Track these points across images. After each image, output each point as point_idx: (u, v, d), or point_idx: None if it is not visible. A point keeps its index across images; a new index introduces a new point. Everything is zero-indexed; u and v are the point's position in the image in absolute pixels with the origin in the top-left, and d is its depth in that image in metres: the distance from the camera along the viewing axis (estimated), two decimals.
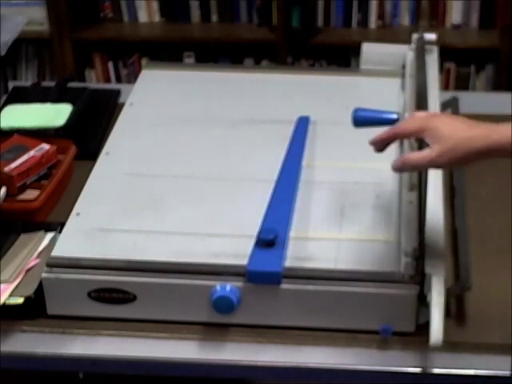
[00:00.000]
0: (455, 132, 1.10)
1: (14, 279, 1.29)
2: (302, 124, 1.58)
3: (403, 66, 1.72)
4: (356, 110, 1.35)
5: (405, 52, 1.74)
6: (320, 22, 3.01)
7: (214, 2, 3.03)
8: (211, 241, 1.30)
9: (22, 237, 1.39)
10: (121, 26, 3.10)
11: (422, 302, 1.20)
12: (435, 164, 1.11)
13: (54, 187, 1.51)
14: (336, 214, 1.36)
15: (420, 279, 1.20)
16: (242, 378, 1.34)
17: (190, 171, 1.47)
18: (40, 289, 1.27)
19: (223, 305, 1.22)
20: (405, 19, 2.99)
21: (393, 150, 1.49)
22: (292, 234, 1.30)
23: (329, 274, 1.23)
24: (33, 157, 1.54)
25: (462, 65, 2.98)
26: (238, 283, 1.23)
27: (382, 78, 1.73)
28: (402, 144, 1.47)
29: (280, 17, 2.94)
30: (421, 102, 1.36)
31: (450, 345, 1.19)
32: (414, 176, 1.33)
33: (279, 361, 1.23)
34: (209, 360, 1.23)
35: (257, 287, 1.23)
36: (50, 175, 1.54)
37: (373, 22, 2.99)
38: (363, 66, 1.80)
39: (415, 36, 1.75)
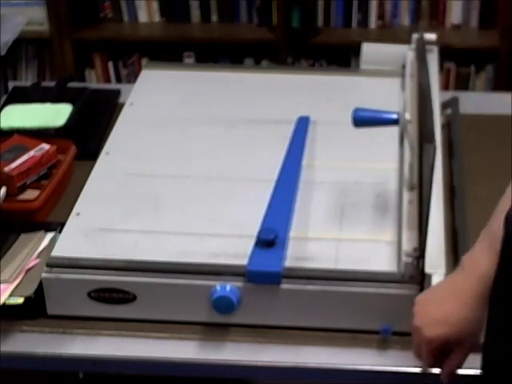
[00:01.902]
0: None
1: (14, 279, 1.29)
2: (302, 124, 1.58)
3: (403, 66, 1.72)
4: (356, 110, 1.35)
5: (405, 52, 1.74)
6: (320, 21, 3.01)
7: (214, 1, 3.03)
8: (211, 241, 1.30)
9: (22, 237, 1.39)
10: (121, 26, 3.09)
11: None
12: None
13: (53, 187, 1.51)
14: (336, 213, 1.36)
15: (420, 279, 1.20)
16: (242, 378, 1.34)
17: (190, 171, 1.48)
18: (40, 289, 1.27)
19: (223, 305, 1.22)
20: (405, 19, 2.99)
21: (393, 150, 1.50)
22: (292, 234, 1.30)
23: (329, 273, 1.23)
24: (33, 157, 1.54)
25: (462, 65, 2.98)
26: (238, 283, 1.23)
27: (382, 78, 1.73)
28: (402, 144, 1.48)
29: (280, 17, 2.94)
30: (424, 102, 1.36)
31: None
32: (414, 176, 1.33)
33: (279, 361, 1.23)
34: (209, 360, 1.23)
35: (257, 287, 1.23)
36: (50, 175, 1.54)
37: (373, 22, 2.99)
38: (363, 66, 1.80)
39: (415, 36, 1.75)
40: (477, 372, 1.18)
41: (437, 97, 1.57)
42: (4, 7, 2.54)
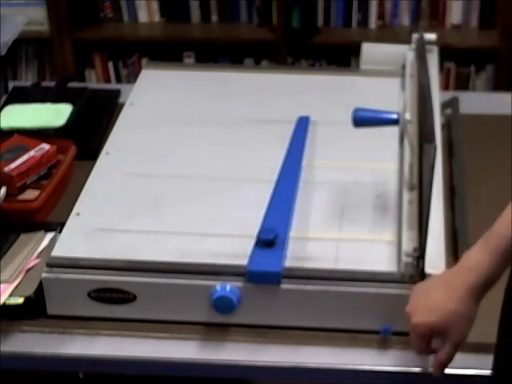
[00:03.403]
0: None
1: (14, 279, 1.29)
2: (302, 124, 1.58)
3: (403, 66, 1.72)
4: (356, 110, 1.35)
5: (405, 52, 1.74)
6: (320, 21, 3.01)
7: (214, 1, 3.03)
8: (211, 241, 1.30)
9: (22, 237, 1.39)
10: (121, 26, 3.09)
11: None
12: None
13: (53, 187, 1.51)
14: (336, 213, 1.36)
15: (420, 279, 1.20)
16: (241, 378, 1.34)
17: (190, 171, 1.47)
18: (40, 289, 1.27)
19: (223, 305, 1.22)
20: (405, 19, 2.99)
21: (393, 150, 1.50)
22: (292, 234, 1.30)
23: (329, 274, 1.23)
24: (33, 157, 1.54)
25: (462, 65, 2.98)
26: (238, 283, 1.23)
27: (382, 78, 1.73)
28: (402, 144, 1.47)
29: (280, 17, 2.94)
30: (424, 102, 1.36)
31: None
32: (414, 176, 1.33)
33: (279, 361, 1.23)
34: (209, 360, 1.23)
35: (257, 287, 1.23)
36: (50, 175, 1.54)
37: (373, 22, 2.99)
38: (363, 66, 1.80)
39: (415, 36, 1.75)
40: (477, 372, 1.19)
41: (437, 97, 1.57)
42: (4, 7, 2.54)
